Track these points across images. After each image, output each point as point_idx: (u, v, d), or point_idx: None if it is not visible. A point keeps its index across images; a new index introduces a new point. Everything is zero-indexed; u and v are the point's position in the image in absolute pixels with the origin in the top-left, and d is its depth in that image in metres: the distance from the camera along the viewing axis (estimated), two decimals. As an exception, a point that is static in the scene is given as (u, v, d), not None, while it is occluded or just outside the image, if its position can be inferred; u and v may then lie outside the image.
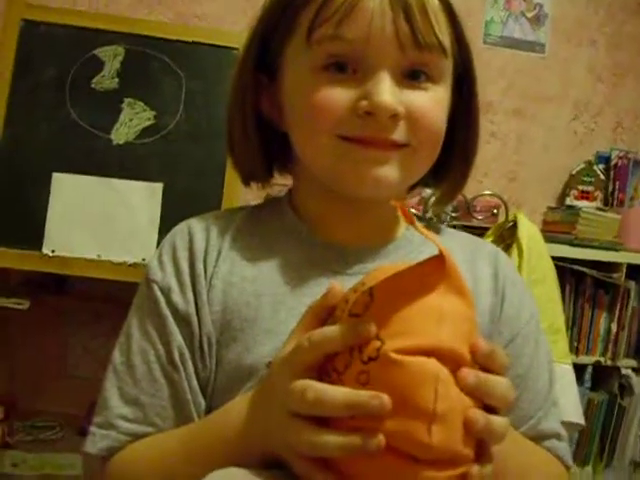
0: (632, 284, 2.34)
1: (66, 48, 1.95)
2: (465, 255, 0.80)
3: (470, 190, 0.71)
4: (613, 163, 2.61)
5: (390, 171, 0.69)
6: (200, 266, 0.74)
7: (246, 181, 0.83)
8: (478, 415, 0.49)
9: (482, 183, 2.48)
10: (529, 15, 2.64)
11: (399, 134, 0.68)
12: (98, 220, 1.88)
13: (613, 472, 2.32)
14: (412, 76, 0.69)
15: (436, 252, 0.53)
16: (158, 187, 1.91)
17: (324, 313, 0.58)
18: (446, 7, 0.71)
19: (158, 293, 0.74)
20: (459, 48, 0.74)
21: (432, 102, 0.70)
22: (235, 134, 0.78)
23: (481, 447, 0.52)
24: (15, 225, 1.86)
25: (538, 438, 0.77)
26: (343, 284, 0.58)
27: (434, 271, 0.52)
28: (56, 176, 1.87)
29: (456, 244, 0.81)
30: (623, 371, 2.35)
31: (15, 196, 1.87)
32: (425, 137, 0.70)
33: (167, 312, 0.73)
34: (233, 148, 0.80)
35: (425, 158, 0.73)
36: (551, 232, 2.34)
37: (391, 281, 0.53)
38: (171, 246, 0.77)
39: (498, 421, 0.51)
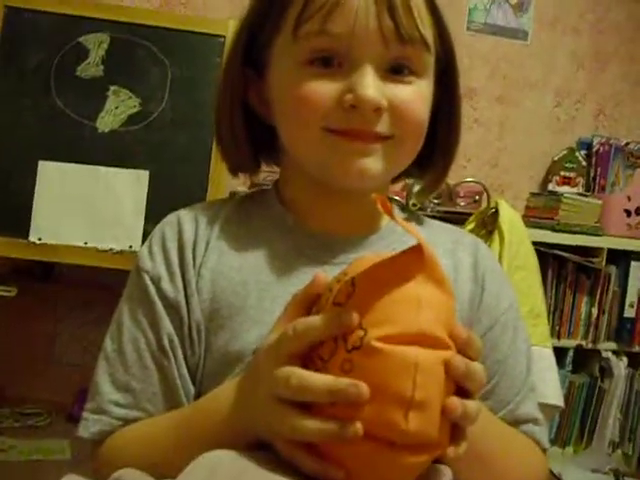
0: (613, 269, 2.37)
1: (50, 35, 1.93)
2: (446, 245, 0.82)
3: (453, 176, 0.72)
4: (595, 149, 2.63)
5: (374, 163, 0.70)
6: (189, 256, 0.75)
7: (234, 172, 0.84)
8: (456, 403, 0.51)
9: (466, 168, 2.50)
10: (512, 2, 2.65)
11: (383, 126, 0.69)
12: (84, 208, 1.88)
13: (593, 453, 2.36)
14: (396, 70, 0.70)
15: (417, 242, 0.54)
16: (144, 174, 1.90)
17: (309, 302, 0.60)
18: (429, 2, 0.72)
19: (148, 282, 0.75)
20: (441, 42, 0.75)
21: (415, 95, 0.71)
22: (223, 127, 0.79)
23: (456, 428, 0.54)
24: (1, 213, 1.86)
25: (515, 423, 0.79)
26: (328, 273, 0.60)
27: (413, 261, 0.54)
28: (42, 164, 1.87)
29: (437, 235, 0.83)
30: (604, 354, 2.39)
31: (1, 184, 1.87)
32: (408, 129, 0.71)
33: (157, 300, 0.74)
34: (221, 140, 0.81)
35: (408, 150, 0.74)
36: (533, 217, 2.37)
37: (372, 271, 0.54)
38: (161, 236, 0.78)
39: (472, 405, 0.53)
